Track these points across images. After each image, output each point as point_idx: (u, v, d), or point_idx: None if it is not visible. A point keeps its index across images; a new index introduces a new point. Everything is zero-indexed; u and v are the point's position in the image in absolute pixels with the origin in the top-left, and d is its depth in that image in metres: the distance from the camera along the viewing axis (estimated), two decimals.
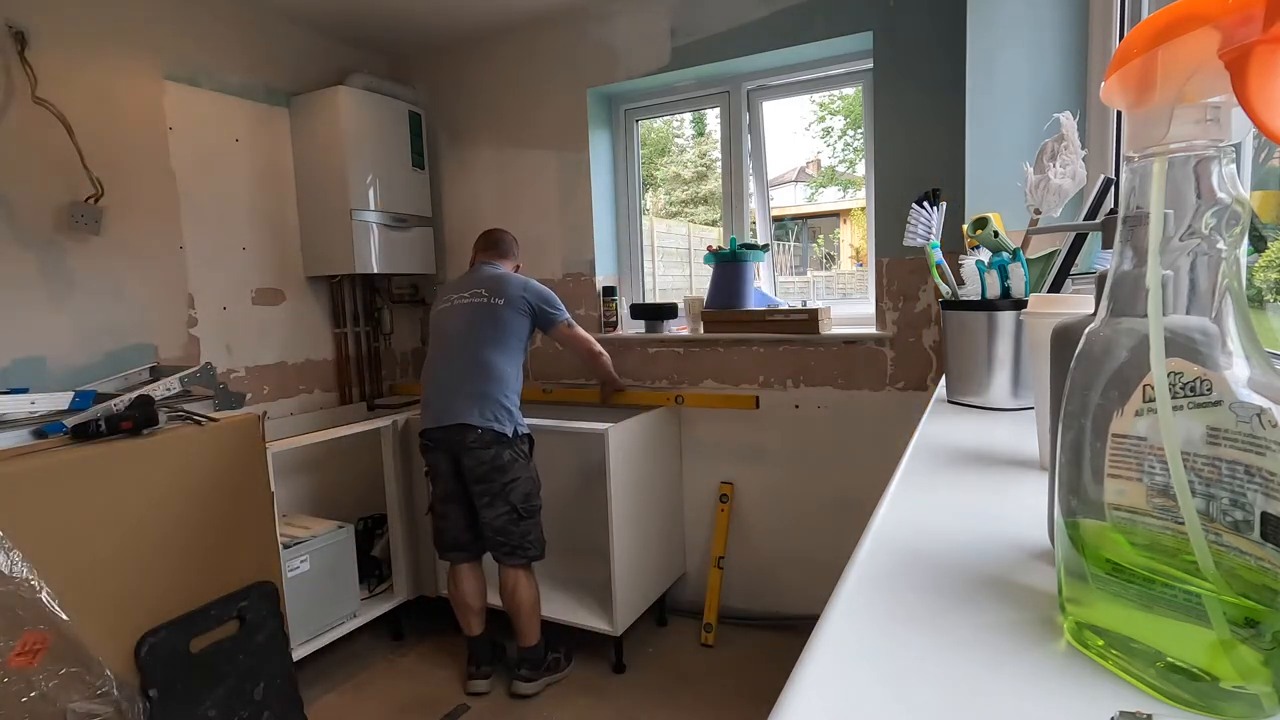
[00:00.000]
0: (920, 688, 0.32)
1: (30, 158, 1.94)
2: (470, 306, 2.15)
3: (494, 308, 2.13)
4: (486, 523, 2.10)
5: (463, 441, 2.05)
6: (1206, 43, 0.26)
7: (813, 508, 2.45)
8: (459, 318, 2.16)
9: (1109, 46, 1.39)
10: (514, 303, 2.14)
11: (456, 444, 2.06)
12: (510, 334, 2.14)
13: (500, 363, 2.11)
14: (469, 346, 2.11)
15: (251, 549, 1.86)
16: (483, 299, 2.15)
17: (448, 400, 2.08)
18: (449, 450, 2.09)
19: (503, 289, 2.15)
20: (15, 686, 1.30)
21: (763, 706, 0.42)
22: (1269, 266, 0.99)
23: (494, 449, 2.05)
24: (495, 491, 2.07)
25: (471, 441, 2.04)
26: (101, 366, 2.10)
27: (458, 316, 2.16)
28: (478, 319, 2.13)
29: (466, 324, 2.14)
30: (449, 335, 2.16)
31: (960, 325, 1.01)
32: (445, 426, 2.07)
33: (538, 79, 2.75)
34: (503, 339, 2.12)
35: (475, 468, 2.06)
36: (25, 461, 1.47)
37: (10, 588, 1.32)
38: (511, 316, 2.13)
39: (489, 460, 2.05)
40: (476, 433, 2.04)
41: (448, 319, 2.18)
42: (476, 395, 2.07)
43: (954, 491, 0.62)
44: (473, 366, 2.09)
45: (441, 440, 2.09)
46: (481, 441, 2.04)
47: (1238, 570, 0.27)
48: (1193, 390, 0.28)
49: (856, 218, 3.16)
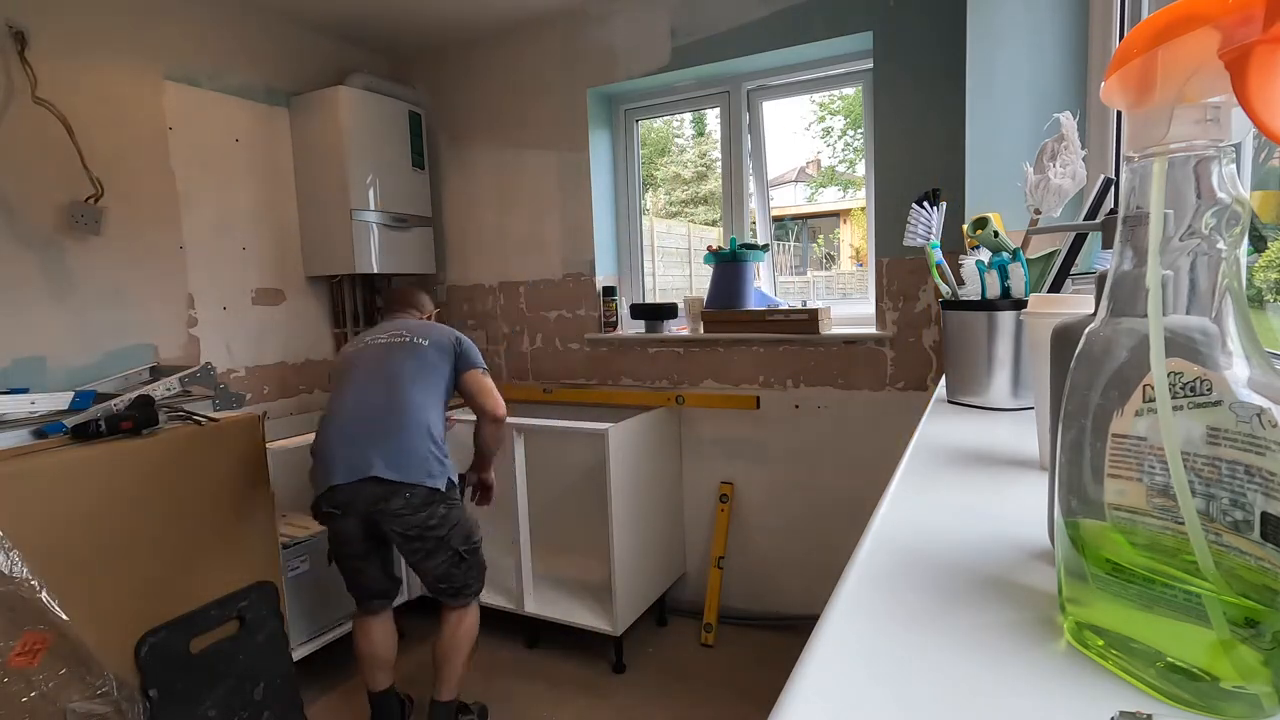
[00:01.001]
0: (920, 688, 0.32)
1: (30, 158, 1.94)
2: (389, 346, 1.88)
3: (417, 347, 1.88)
4: (425, 572, 1.83)
5: (385, 504, 1.70)
6: (1206, 43, 0.26)
7: (813, 508, 2.45)
8: (375, 358, 1.87)
9: (1109, 46, 1.39)
10: (439, 344, 1.91)
11: (374, 507, 1.71)
12: (436, 375, 1.88)
13: (428, 406, 1.83)
14: (391, 387, 1.80)
15: (251, 549, 1.86)
16: (403, 338, 1.90)
17: (365, 449, 1.72)
18: (361, 514, 1.73)
19: (427, 331, 1.94)
20: (15, 686, 1.30)
21: (763, 706, 0.42)
22: (1269, 266, 0.99)
23: (427, 510, 1.74)
24: (432, 547, 1.78)
25: (399, 507, 1.70)
26: (101, 366, 2.10)
27: (374, 356, 1.87)
28: (400, 358, 1.86)
29: (386, 364, 1.85)
30: (363, 376, 1.84)
31: (960, 325, 1.01)
32: (359, 482, 1.69)
33: (538, 79, 2.75)
34: (429, 381, 1.86)
35: (405, 531, 1.74)
36: (25, 461, 1.47)
37: (10, 588, 1.32)
38: (437, 358, 1.89)
39: (420, 523, 1.74)
40: (405, 496, 1.71)
41: (361, 360, 1.88)
42: (403, 446, 1.73)
43: (954, 491, 0.62)
44: (396, 411, 1.77)
45: (351, 502, 1.71)
46: (411, 506, 1.71)
47: (1238, 570, 0.27)
48: (1193, 390, 0.28)
49: (856, 218, 3.16)
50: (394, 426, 1.76)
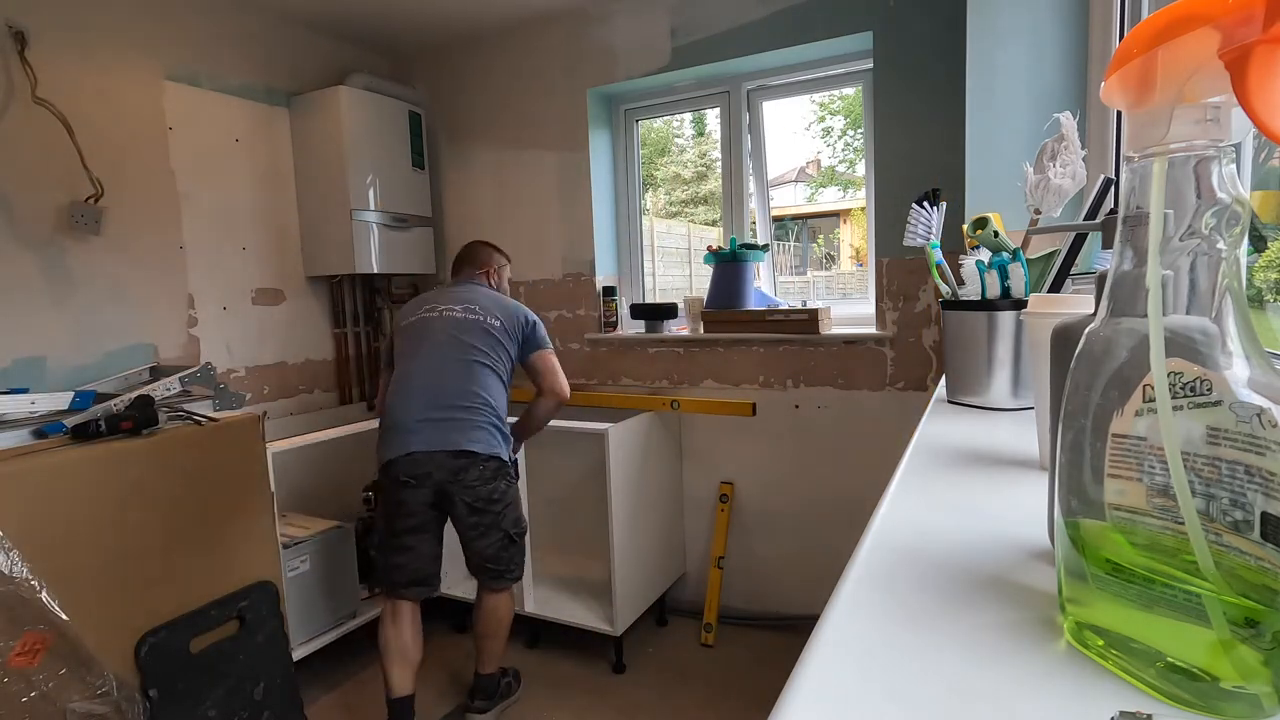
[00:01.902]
0: (920, 688, 0.32)
1: (30, 158, 1.94)
2: (460, 321, 1.93)
3: (490, 326, 1.93)
4: (476, 552, 1.89)
5: (460, 474, 1.79)
6: (1206, 43, 0.26)
7: (813, 508, 2.45)
8: (446, 330, 1.91)
9: (1109, 46, 1.39)
10: (509, 324, 1.96)
11: (450, 477, 1.79)
12: (505, 355, 1.95)
13: (496, 384, 1.92)
14: (467, 364, 1.88)
15: (251, 549, 1.86)
16: (477, 315, 1.94)
17: (442, 421, 1.81)
18: (434, 484, 1.80)
19: (500, 308, 1.98)
20: (15, 686, 1.30)
21: (763, 706, 0.42)
22: (1269, 266, 0.99)
23: (495, 481, 1.85)
24: (490, 522, 1.86)
25: (473, 478, 1.81)
26: (101, 366, 2.10)
27: (445, 329, 1.92)
28: (470, 333, 1.91)
29: (456, 337, 1.90)
30: (438, 348, 1.89)
31: (960, 325, 1.01)
32: (437, 453, 1.79)
33: (538, 79, 2.75)
34: (498, 358, 1.93)
35: (473, 502, 1.82)
36: (25, 461, 1.47)
37: (10, 588, 1.32)
38: (507, 338, 1.95)
39: (487, 494, 1.83)
40: (480, 465, 1.81)
41: (431, 330, 1.92)
42: (475, 419, 1.84)
43: (954, 491, 0.61)
44: (471, 385, 1.86)
45: (429, 472, 1.79)
46: (483, 476, 1.82)
47: (1238, 570, 0.27)
48: (1193, 390, 0.28)
49: (856, 218, 3.16)
50: (468, 401, 1.85)
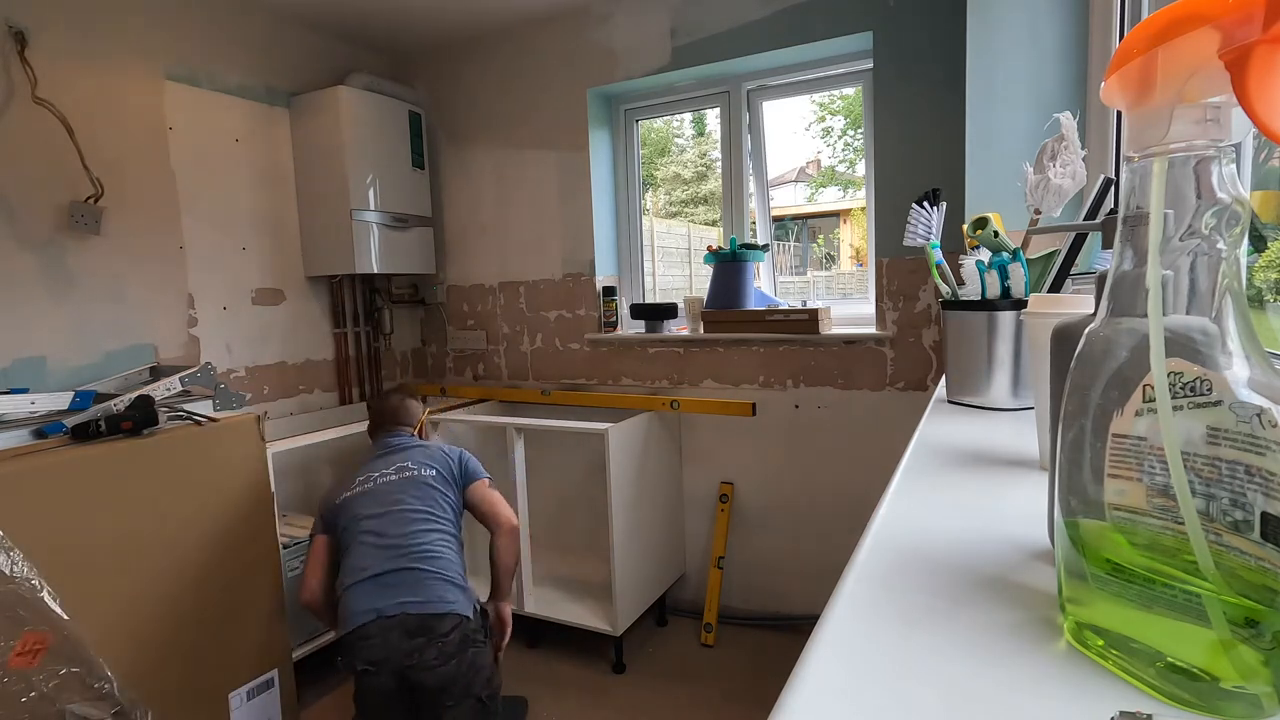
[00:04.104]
0: (920, 688, 0.32)
1: (30, 158, 1.94)
2: (401, 484, 1.82)
3: (424, 479, 1.83)
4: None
5: (423, 647, 1.58)
6: (1206, 43, 0.26)
7: (812, 508, 2.45)
8: (386, 501, 1.78)
9: (1109, 46, 1.39)
10: (443, 468, 1.88)
11: (414, 651, 1.58)
12: (447, 503, 1.84)
13: (452, 543, 1.79)
14: (413, 529, 1.73)
15: (251, 549, 1.86)
16: (410, 472, 1.84)
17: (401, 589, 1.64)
18: (396, 665, 1.58)
19: (428, 457, 1.89)
20: (15, 686, 1.30)
21: (763, 706, 0.42)
22: (1269, 266, 0.98)
23: (469, 651, 1.64)
24: (459, 694, 1.64)
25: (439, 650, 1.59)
26: (101, 366, 2.10)
27: (385, 499, 1.78)
28: (413, 497, 1.79)
29: (401, 508, 1.76)
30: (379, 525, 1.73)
31: (960, 325, 1.01)
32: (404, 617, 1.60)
33: (538, 79, 2.75)
34: (443, 512, 1.81)
35: (442, 676, 1.60)
36: (25, 461, 1.47)
37: (10, 587, 1.32)
38: (443, 483, 1.85)
39: (454, 666, 1.62)
40: (445, 630, 1.61)
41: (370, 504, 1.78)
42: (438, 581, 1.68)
43: (954, 491, 0.61)
44: (423, 550, 1.71)
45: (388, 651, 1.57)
46: (451, 644, 1.61)
47: (1238, 570, 0.27)
48: (1193, 390, 0.28)
49: (856, 218, 3.17)
50: (431, 571, 1.68)
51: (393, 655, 1.59)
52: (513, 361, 2.97)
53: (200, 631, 1.72)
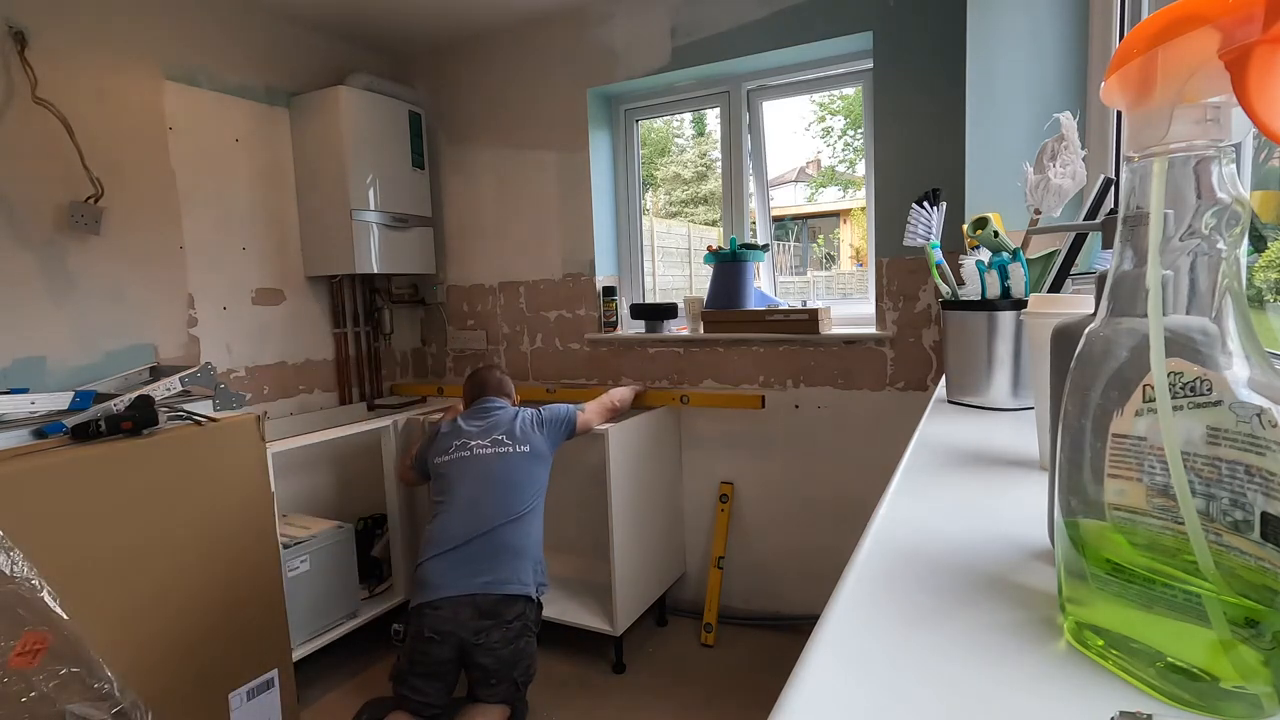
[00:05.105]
0: (920, 688, 0.32)
1: (30, 158, 1.94)
2: (500, 458, 1.99)
3: (523, 455, 2.00)
4: (481, 694, 1.83)
5: (490, 629, 1.77)
6: (1206, 43, 0.26)
7: (812, 508, 2.45)
8: (483, 473, 1.96)
9: (1109, 46, 1.39)
10: (539, 442, 2.04)
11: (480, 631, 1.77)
12: (542, 474, 2.03)
13: (536, 520, 1.98)
14: (503, 508, 1.92)
15: (251, 549, 1.86)
16: (507, 448, 2.00)
17: (482, 565, 1.83)
18: (460, 640, 1.77)
19: (526, 436, 2.04)
20: (15, 686, 1.29)
21: (763, 706, 0.42)
22: (1269, 266, 0.98)
23: (524, 639, 1.84)
24: (503, 675, 1.82)
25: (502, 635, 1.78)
26: (101, 366, 2.10)
27: (482, 471, 1.97)
28: (511, 471, 1.97)
29: (499, 482, 1.95)
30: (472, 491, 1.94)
31: (960, 325, 1.01)
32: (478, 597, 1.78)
33: (538, 79, 2.75)
34: (537, 486, 2.00)
35: (500, 658, 1.79)
36: (25, 461, 1.47)
37: (10, 587, 1.32)
38: (540, 457, 2.03)
39: (511, 651, 1.81)
40: (511, 616, 1.80)
41: (469, 472, 1.97)
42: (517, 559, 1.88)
43: (954, 491, 0.61)
44: (509, 529, 1.90)
45: (456, 625, 1.76)
46: (514, 630, 1.80)
47: (1238, 570, 0.27)
48: (1193, 390, 0.28)
49: (856, 218, 3.17)
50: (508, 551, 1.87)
51: (460, 630, 1.76)
52: (513, 362, 2.97)
53: (200, 631, 1.72)
